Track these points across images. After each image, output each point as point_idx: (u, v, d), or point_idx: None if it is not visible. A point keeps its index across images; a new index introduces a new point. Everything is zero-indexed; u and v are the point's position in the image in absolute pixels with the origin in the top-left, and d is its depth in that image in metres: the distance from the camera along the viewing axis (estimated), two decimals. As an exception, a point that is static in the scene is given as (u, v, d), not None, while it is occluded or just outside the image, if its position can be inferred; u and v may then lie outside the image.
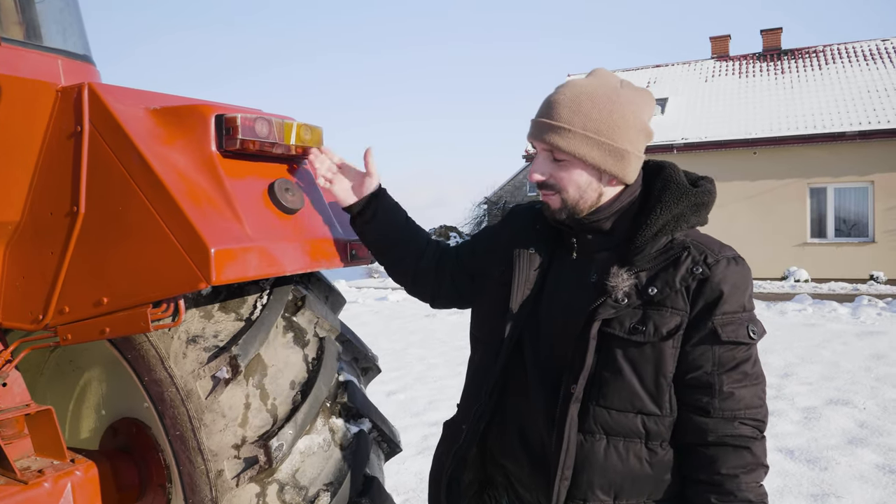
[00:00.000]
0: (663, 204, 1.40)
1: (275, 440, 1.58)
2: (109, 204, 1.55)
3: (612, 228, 1.46)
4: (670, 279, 1.35)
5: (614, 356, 1.37)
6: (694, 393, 1.35)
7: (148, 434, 1.95)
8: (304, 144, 1.73)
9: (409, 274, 1.76)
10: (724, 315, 1.33)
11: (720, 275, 1.34)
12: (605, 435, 1.38)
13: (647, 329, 1.34)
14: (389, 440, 1.91)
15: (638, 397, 1.36)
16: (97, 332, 1.58)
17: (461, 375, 6.90)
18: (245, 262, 1.47)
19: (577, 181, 1.43)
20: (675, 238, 1.39)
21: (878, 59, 19.81)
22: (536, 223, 1.58)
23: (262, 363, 1.67)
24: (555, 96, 1.43)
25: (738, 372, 1.34)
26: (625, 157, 1.41)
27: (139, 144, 1.50)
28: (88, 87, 1.57)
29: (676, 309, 1.34)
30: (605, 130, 1.39)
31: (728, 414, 1.33)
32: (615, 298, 1.35)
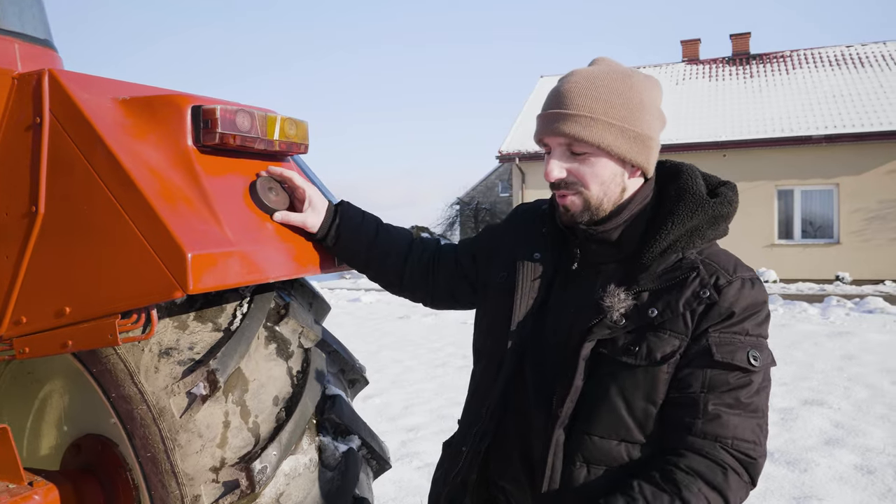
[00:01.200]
0: (675, 217, 1.27)
1: (257, 462, 1.44)
2: (73, 203, 1.39)
3: (619, 239, 1.33)
4: (673, 302, 1.22)
5: (602, 378, 1.25)
6: (677, 412, 1.22)
7: (115, 452, 1.80)
8: (289, 140, 1.60)
9: (395, 286, 1.66)
10: (723, 334, 1.20)
11: (731, 298, 1.21)
12: (585, 462, 1.26)
13: (640, 351, 1.22)
14: (379, 457, 1.79)
15: (623, 425, 1.24)
16: (58, 346, 1.43)
17: (437, 378, 6.80)
18: (225, 268, 1.34)
19: (602, 175, 1.29)
20: (685, 256, 1.26)
21: (843, 64, 20.24)
22: (543, 226, 1.45)
23: (243, 378, 1.53)
24: (566, 86, 1.30)
25: (729, 396, 1.19)
26: (648, 144, 1.29)
27: (106, 138, 1.35)
28: (49, 73, 1.42)
29: (676, 332, 1.22)
30: (628, 116, 1.27)
31: (710, 436, 1.18)
32: (612, 319, 1.23)
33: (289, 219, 1.58)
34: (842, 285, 16.36)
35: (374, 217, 1.68)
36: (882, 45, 20.90)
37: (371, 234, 1.62)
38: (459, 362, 7.94)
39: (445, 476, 1.47)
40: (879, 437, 4.84)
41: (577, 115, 1.27)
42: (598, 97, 1.27)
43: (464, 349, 8.80)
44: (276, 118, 1.57)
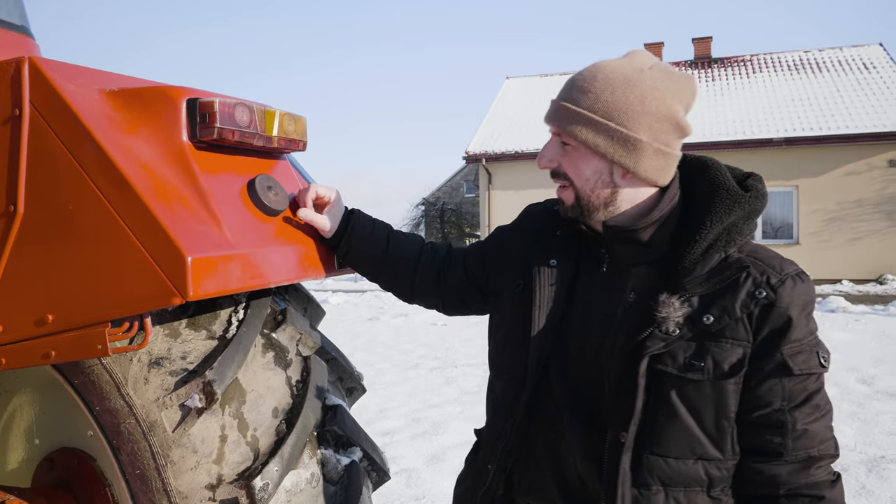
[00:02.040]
0: (713, 215, 1.20)
1: (258, 479, 1.35)
2: (57, 203, 1.28)
3: (650, 239, 1.26)
4: (729, 306, 1.16)
5: (667, 397, 1.18)
6: (763, 433, 1.18)
7: (92, 466, 1.69)
8: (288, 136, 1.51)
9: (407, 295, 1.60)
10: (794, 343, 1.16)
11: (787, 298, 1.16)
12: (662, 486, 1.20)
13: (706, 365, 1.16)
14: (379, 469, 1.71)
15: (698, 442, 1.19)
16: (39, 357, 1.32)
17: (410, 381, 6.73)
18: (226, 272, 1.24)
19: (584, 171, 1.25)
20: (728, 254, 1.21)
21: (802, 69, 20.79)
22: (557, 228, 1.39)
23: (240, 388, 1.43)
24: (574, 76, 1.27)
25: (809, 405, 1.17)
26: (638, 148, 1.21)
27: (95, 131, 1.24)
28: (29, 61, 1.30)
29: (737, 339, 1.16)
30: (615, 114, 1.20)
31: (802, 454, 1.17)
32: (666, 331, 1.17)
33: (309, 216, 1.51)
34: (801, 285, 16.78)
35: (384, 225, 1.61)
36: (839, 50, 21.53)
37: (383, 243, 1.55)
38: (431, 363, 7.88)
39: (473, 494, 1.41)
40: (850, 434, 4.91)
41: (567, 107, 1.24)
42: (590, 91, 1.22)
43: (435, 350, 8.74)
44: (274, 113, 1.48)
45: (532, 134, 20.37)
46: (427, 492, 3.99)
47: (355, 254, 1.55)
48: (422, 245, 1.59)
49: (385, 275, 1.58)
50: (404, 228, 39.43)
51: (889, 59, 20.33)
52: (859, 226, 17.50)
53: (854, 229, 17.50)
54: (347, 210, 1.59)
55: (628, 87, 1.20)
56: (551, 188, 1.34)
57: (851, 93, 18.94)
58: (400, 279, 1.57)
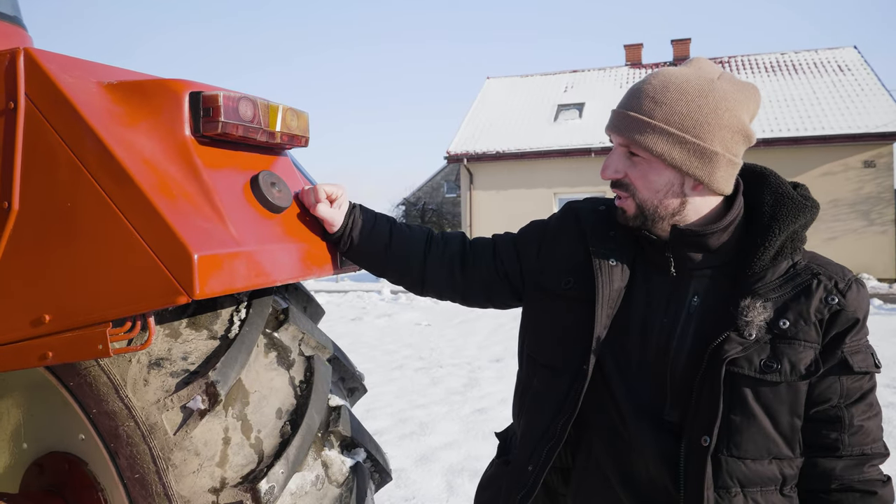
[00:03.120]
0: (780, 223, 1.23)
1: (264, 482, 1.31)
2: (54, 199, 1.24)
3: (717, 246, 1.28)
4: (804, 311, 1.20)
5: (745, 398, 1.20)
6: (821, 429, 1.22)
7: (84, 471, 1.64)
8: (291, 132, 1.47)
9: (416, 287, 1.57)
10: (853, 344, 1.21)
11: (854, 303, 1.21)
12: (741, 488, 1.22)
13: (783, 367, 1.19)
14: (382, 469, 1.68)
15: (774, 442, 1.21)
16: (35, 358, 1.27)
17: (395, 381, 6.70)
18: (232, 271, 1.21)
19: (654, 183, 1.25)
20: (796, 262, 1.25)
21: (779, 70, 21.08)
22: (610, 229, 1.37)
23: (243, 389, 1.39)
24: (641, 85, 1.25)
25: (864, 403, 1.22)
26: (713, 160, 1.22)
27: (95, 125, 1.20)
28: (25, 52, 1.25)
29: (809, 342, 1.20)
30: (692, 126, 1.20)
31: (857, 450, 1.21)
32: (747, 335, 1.18)
33: (318, 210, 1.47)
34: (779, 284, 17.00)
35: (387, 219, 1.58)
36: (814, 52, 21.86)
37: (385, 238, 1.53)
38: (416, 364, 7.85)
39: (508, 497, 1.38)
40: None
41: (638, 117, 1.23)
42: (663, 102, 1.21)
43: (420, 351, 8.71)
44: (278, 108, 1.44)
45: (513, 134, 20.41)
46: (417, 492, 3.97)
47: (359, 248, 1.52)
48: (429, 236, 1.56)
49: (391, 268, 1.55)
50: (385, 228, 39.36)
51: (863, 61, 20.69)
52: (835, 226, 17.77)
53: (830, 229, 17.76)
54: (350, 205, 1.56)
55: (703, 98, 1.20)
56: (533, 188, 1.32)
57: (827, 94, 19.24)
58: (408, 272, 1.54)
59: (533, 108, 22.17)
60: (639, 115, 1.22)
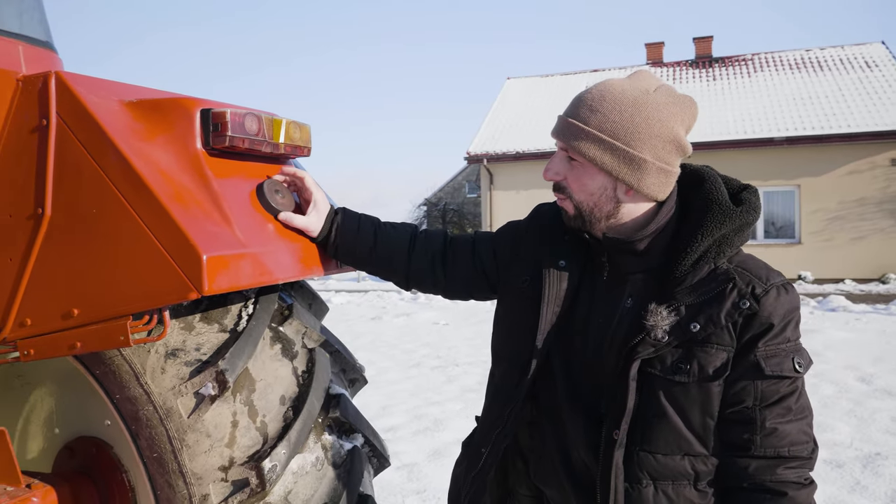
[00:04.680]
0: (704, 229, 1.28)
1: (267, 461, 1.46)
2: (81, 205, 1.39)
3: (646, 249, 1.34)
4: (715, 315, 1.24)
5: (657, 397, 1.27)
6: (734, 429, 1.27)
7: (109, 454, 1.79)
8: (293, 143, 1.62)
9: (403, 283, 1.67)
10: (769, 347, 1.24)
11: (770, 308, 1.24)
12: (652, 480, 1.28)
13: (692, 368, 1.25)
14: (380, 455, 1.82)
15: (685, 439, 1.27)
16: (66, 348, 1.43)
17: (412, 379, 6.80)
18: (238, 269, 1.35)
19: (588, 186, 1.33)
20: (717, 266, 1.28)
21: (803, 68, 20.82)
22: (565, 232, 1.46)
23: (250, 378, 1.54)
24: (582, 94, 1.34)
25: (781, 407, 1.25)
26: (642, 167, 1.28)
27: (116, 140, 1.35)
28: (56, 75, 1.41)
29: (722, 345, 1.25)
30: (622, 134, 1.27)
31: (770, 452, 1.24)
32: (655, 337, 1.24)
33: (292, 221, 1.57)
34: (804, 284, 16.81)
35: (372, 221, 1.66)
36: (840, 48, 21.55)
37: (370, 241, 1.61)
38: (434, 362, 7.97)
39: (465, 474, 1.50)
40: (846, 432, 4.99)
41: (575, 124, 1.31)
42: (598, 111, 1.29)
43: (437, 350, 8.83)
44: (281, 121, 1.59)
45: (533, 134, 20.44)
46: (428, 486, 4.09)
47: (345, 252, 1.62)
48: (413, 234, 1.65)
49: (379, 268, 1.64)
50: (407, 229, 39.45)
51: (891, 57, 20.33)
52: (862, 225, 17.53)
53: (856, 228, 17.53)
54: (332, 210, 1.64)
55: (635, 109, 1.27)
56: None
57: (854, 91, 18.96)
58: (394, 270, 1.63)
59: (553, 108, 22.16)
60: (576, 122, 1.30)
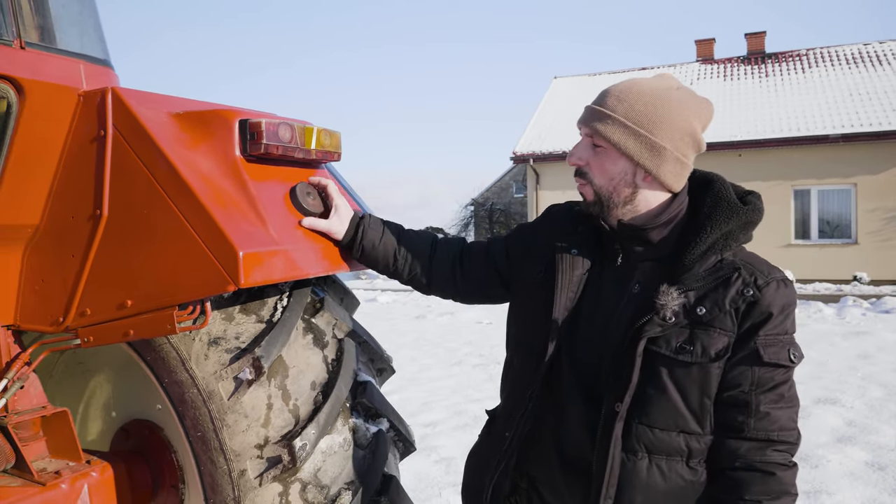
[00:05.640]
0: (713, 222, 1.37)
1: (298, 440, 1.60)
2: (134, 207, 1.56)
3: (658, 240, 1.43)
4: (720, 300, 1.33)
5: (659, 375, 1.35)
6: (730, 411, 1.35)
7: (160, 435, 1.96)
8: (324, 149, 1.76)
9: (423, 288, 1.78)
10: (768, 336, 1.33)
11: (770, 297, 1.33)
12: (647, 453, 1.36)
13: (695, 349, 1.33)
14: (405, 439, 1.94)
15: (682, 417, 1.35)
16: (120, 335, 1.59)
17: (454, 377, 6.90)
18: (271, 265, 1.49)
19: (610, 170, 1.41)
20: (724, 257, 1.37)
21: (861, 62, 20.13)
22: (578, 225, 1.56)
23: (284, 364, 1.69)
24: (610, 87, 1.45)
25: (775, 393, 1.33)
26: (661, 154, 1.38)
27: (164, 148, 1.51)
28: (112, 91, 1.58)
29: (724, 330, 1.33)
30: (646, 123, 1.38)
31: (762, 434, 1.33)
32: (663, 317, 1.33)
33: (316, 225, 1.70)
34: (859, 286, 16.27)
35: (396, 228, 1.78)
36: (900, 43, 20.77)
37: (393, 248, 1.74)
38: (475, 360, 8.07)
39: (488, 463, 1.57)
40: (892, 434, 4.90)
41: (601, 111, 1.41)
42: (625, 100, 1.40)
43: (479, 348, 8.93)
44: (312, 129, 1.73)
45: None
46: (464, 478, 4.19)
47: (369, 255, 1.74)
48: (433, 241, 1.77)
49: (400, 273, 1.76)
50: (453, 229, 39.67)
51: (956, 50, 19.53)
52: (922, 225, 16.91)
53: (916, 229, 16.92)
54: (358, 216, 1.76)
55: (659, 101, 1.39)
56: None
57: (914, 86, 18.29)
58: (415, 275, 1.75)
59: (600, 107, 21.99)
60: (603, 109, 1.41)
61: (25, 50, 1.58)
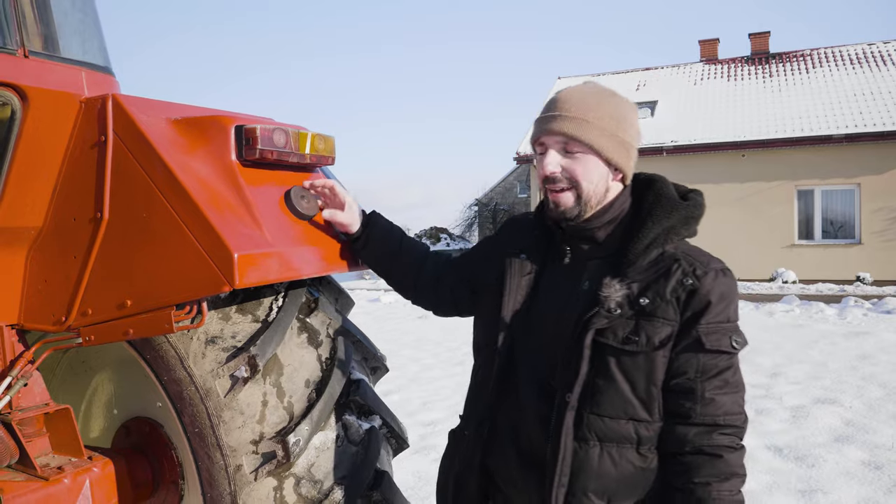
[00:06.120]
0: (655, 217, 1.44)
1: (292, 436, 1.65)
2: (133, 210, 1.61)
3: (604, 238, 1.50)
4: (661, 290, 1.39)
5: (608, 365, 1.40)
6: (677, 398, 1.40)
7: (161, 433, 2.01)
8: (318, 153, 1.81)
9: (409, 290, 1.84)
10: (709, 324, 1.38)
11: (708, 286, 1.38)
12: (598, 441, 1.41)
13: (640, 339, 1.38)
14: (398, 436, 1.99)
15: (630, 405, 1.40)
16: (120, 334, 1.64)
17: (455, 377, 6.93)
18: (265, 266, 1.54)
19: (591, 174, 1.46)
20: (665, 250, 1.43)
21: (865, 62, 20.08)
22: (534, 229, 1.63)
23: (279, 363, 1.74)
24: (562, 95, 1.49)
25: (719, 379, 1.38)
26: (630, 152, 1.48)
27: (163, 153, 1.57)
28: (112, 97, 1.64)
29: (667, 319, 1.39)
30: (615, 124, 1.45)
31: (708, 420, 1.37)
32: (608, 308, 1.39)
33: (336, 217, 1.77)
34: (862, 286, 16.24)
35: (398, 228, 1.85)
36: (905, 43, 20.71)
37: (395, 242, 1.81)
38: (477, 360, 8.09)
39: (451, 460, 1.65)
40: (889, 434, 4.92)
41: (575, 117, 1.45)
42: (592, 105, 1.46)
43: (481, 348, 8.94)
44: (307, 135, 1.78)
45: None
46: (463, 477, 4.23)
47: (371, 249, 1.80)
48: (427, 253, 1.85)
49: (395, 271, 1.82)
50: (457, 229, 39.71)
51: (960, 50, 19.46)
52: (924, 226, 16.85)
53: (917, 230, 16.86)
54: (366, 214, 1.84)
55: (616, 102, 1.48)
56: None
57: (918, 86, 18.23)
58: (406, 277, 1.82)
59: (604, 107, 22.00)
60: (577, 115, 1.44)
61: (29, 58, 1.63)
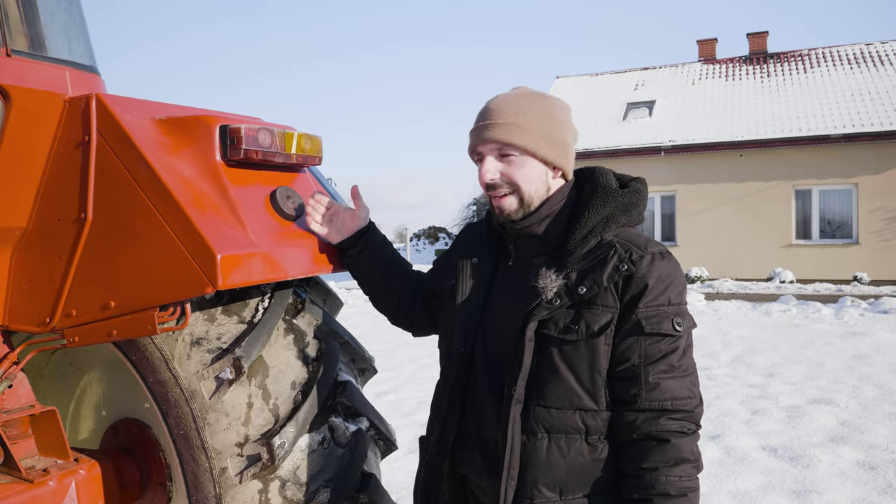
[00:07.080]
0: (592, 207, 1.46)
1: (277, 438, 1.64)
2: (117, 211, 1.60)
3: (545, 233, 1.52)
4: (598, 277, 1.39)
5: (551, 356, 1.41)
6: (623, 385, 1.40)
7: (148, 434, 2.00)
8: (305, 154, 1.79)
9: (392, 305, 1.84)
10: (648, 307, 1.38)
11: (644, 269, 1.39)
12: (546, 433, 1.42)
13: (580, 328, 1.39)
14: (386, 438, 1.97)
15: (575, 394, 1.41)
16: (104, 335, 1.63)
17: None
18: (249, 267, 1.53)
19: (530, 175, 1.49)
20: (603, 238, 1.44)
21: (862, 62, 20.08)
22: (484, 235, 1.65)
23: (265, 364, 1.73)
24: (493, 103, 1.52)
25: (664, 363, 1.38)
26: (566, 148, 1.51)
27: (146, 154, 1.55)
28: (96, 97, 1.62)
29: (606, 306, 1.39)
30: (547, 124, 1.48)
31: (655, 405, 1.37)
32: (546, 299, 1.40)
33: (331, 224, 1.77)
34: (860, 286, 16.25)
35: (390, 243, 1.85)
36: (902, 42, 20.71)
37: (388, 255, 1.82)
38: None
39: (420, 464, 1.65)
40: (884, 434, 4.91)
41: (505, 123, 1.48)
42: (521, 110, 1.48)
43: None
44: (293, 134, 1.77)
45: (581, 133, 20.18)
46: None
47: (364, 258, 1.79)
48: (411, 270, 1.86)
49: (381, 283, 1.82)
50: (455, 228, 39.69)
51: (958, 50, 19.45)
52: (921, 226, 16.86)
53: (916, 229, 16.87)
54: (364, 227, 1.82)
55: (546, 104, 1.51)
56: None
57: (916, 86, 18.23)
58: (389, 293, 1.82)
59: (602, 106, 22.01)
60: (508, 121, 1.47)
61: (11, 57, 1.62)
